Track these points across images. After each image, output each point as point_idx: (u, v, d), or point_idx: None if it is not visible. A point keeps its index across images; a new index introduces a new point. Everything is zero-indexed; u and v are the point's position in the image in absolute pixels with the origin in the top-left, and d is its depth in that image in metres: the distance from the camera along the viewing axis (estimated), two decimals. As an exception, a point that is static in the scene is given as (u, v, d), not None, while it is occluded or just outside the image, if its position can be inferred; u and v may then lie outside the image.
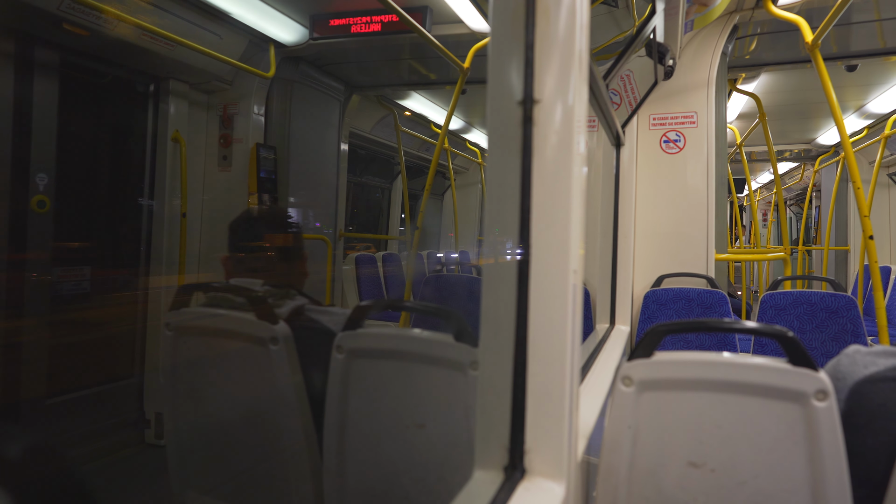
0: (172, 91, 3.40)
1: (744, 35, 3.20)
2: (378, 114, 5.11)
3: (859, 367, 1.01)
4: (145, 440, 3.30)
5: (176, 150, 3.43)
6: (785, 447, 0.95)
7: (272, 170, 3.66)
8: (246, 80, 3.61)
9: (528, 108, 0.84)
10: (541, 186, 0.84)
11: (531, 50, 0.84)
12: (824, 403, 0.92)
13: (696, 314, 2.72)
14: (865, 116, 5.16)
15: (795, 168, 8.37)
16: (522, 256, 0.84)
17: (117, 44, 2.83)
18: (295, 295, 1.56)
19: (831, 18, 2.11)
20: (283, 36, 3.45)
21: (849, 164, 2.22)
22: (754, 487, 0.97)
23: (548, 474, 0.84)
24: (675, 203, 2.96)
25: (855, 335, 2.46)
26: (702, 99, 2.93)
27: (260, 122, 3.71)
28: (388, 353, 1.28)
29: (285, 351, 1.34)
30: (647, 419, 1.03)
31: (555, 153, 0.83)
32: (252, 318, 1.37)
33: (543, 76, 0.84)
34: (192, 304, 1.56)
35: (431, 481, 1.24)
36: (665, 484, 1.03)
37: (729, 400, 0.98)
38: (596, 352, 2.13)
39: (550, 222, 0.83)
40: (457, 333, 1.16)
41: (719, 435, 0.99)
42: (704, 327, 1.07)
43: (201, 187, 3.65)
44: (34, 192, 2.72)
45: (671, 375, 1.02)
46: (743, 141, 5.40)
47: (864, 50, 3.47)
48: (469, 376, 1.14)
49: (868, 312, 4.73)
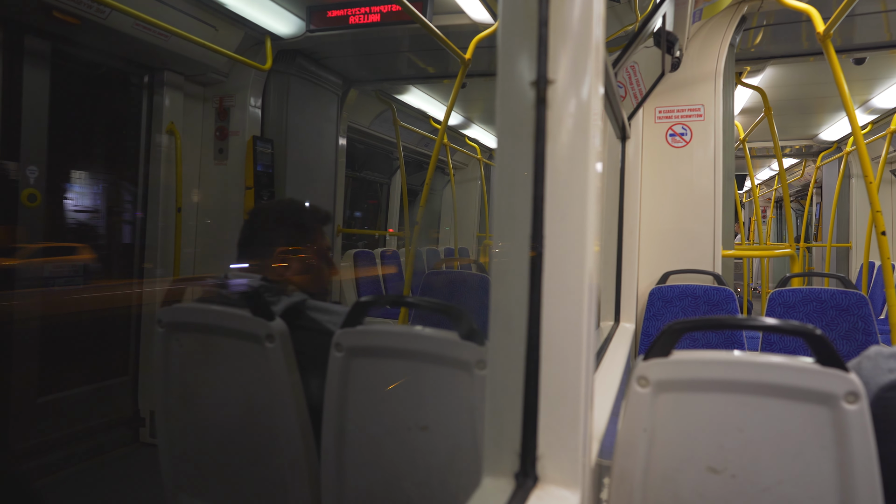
0: (167, 82, 3.34)
1: (751, 26, 3.14)
2: (376, 108, 5.05)
3: (883, 372, 0.96)
4: (140, 439, 3.25)
5: (171, 143, 3.36)
6: (812, 452, 0.90)
7: (269, 164, 3.60)
8: (242, 73, 3.55)
9: (541, 88, 0.78)
10: (555, 174, 0.78)
11: (545, 27, 0.78)
12: (855, 406, 0.86)
13: (702, 311, 2.66)
14: (870, 112, 5.11)
15: (796, 164, 8.33)
16: (535, 250, 0.78)
17: (110, 33, 2.76)
18: (293, 290, 1.51)
19: (844, 8, 2.05)
20: (280, 28, 3.39)
21: (861, 159, 2.17)
22: (778, 494, 0.92)
23: (561, 482, 0.79)
24: (681, 198, 2.91)
25: (866, 333, 2.41)
26: (709, 91, 2.87)
27: (257, 115, 3.65)
28: (390, 351, 1.22)
29: (281, 349, 1.28)
30: (664, 421, 0.98)
31: (570, 137, 0.77)
32: (247, 314, 1.31)
33: (558, 55, 0.78)
34: (185, 300, 1.51)
35: (434, 486, 1.18)
36: (682, 490, 0.98)
37: (752, 402, 0.93)
38: (602, 350, 2.08)
39: (566, 212, 0.77)
40: (462, 331, 1.10)
41: (741, 439, 0.94)
42: (725, 324, 1.01)
43: (197, 181, 3.59)
44: (24, 186, 2.66)
45: (690, 376, 0.96)
46: (747, 136, 5.35)
47: (870, 42, 3.41)
48: (475, 376, 1.09)
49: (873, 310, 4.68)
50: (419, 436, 1.18)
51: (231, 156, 3.56)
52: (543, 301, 0.78)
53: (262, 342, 1.29)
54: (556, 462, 0.79)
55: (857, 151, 2.20)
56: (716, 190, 2.85)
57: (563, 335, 0.78)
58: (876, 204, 2.23)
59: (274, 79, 3.68)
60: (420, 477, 1.20)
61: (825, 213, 6.85)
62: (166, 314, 1.43)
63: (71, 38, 2.80)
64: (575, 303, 0.78)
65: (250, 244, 1.57)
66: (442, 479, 1.18)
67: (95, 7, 2.56)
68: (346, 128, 4.63)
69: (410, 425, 1.19)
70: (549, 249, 0.78)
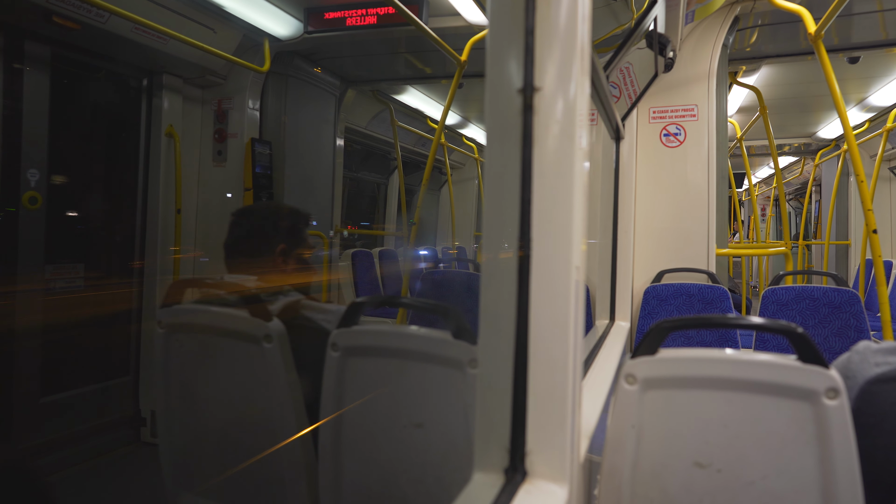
0: (166, 85, 3.36)
1: (744, 27, 3.16)
2: (374, 109, 5.07)
3: (870, 366, 0.98)
4: (141, 438, 3.27)
5: (170, 146, 3.39)
6: (794, 447, 0.92)
7: (268, 165, 3.62)
8: (240, 75, 3.57)
9: (528, 95, 0.80)
10: (542, 178, 0.80)
11: (531, 35, 0.81)
12: (835, 402, 0.89)
13: (697, 310, 2.69)
14: (867, 109, 5.12)
15: (795, 162, 8.34)
16: (523, 251, 0.81)
17: (109, 37, 2.78)
18: (289, 291, 1.53)
19: (835, 9, 2.07)
20: (278, 30, 3.41)
21: (852, 158, 2.19)
22: (762, 488, 0.94)
23: (550, 477, 0.81)
24: (676, 197, 2.93)
25: (858, 331, 2.43)
26: (702, 92, 2.89)
27: (255, 117, 3.66)
28: (385, 350, 1.25)
29: (279, 349, 1.31)
30: (652, 418, 1.00)
31: (556, 143, 0.80)
32: (245, 315, 1.34)
33: (544, 63, 0.80)
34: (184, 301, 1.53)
35: (429, 482, 1.21)
36: (670, 485, 1.00)
37: (736, 398, 0.95)
38: (596, 348, 2.10)
39: (552, 215, 0.80)
40: (455, 330, 1.13)
41: (726, 434, 0.96)
42: (711, 323, 1.04)
43: (196, 183, 3.61)
44: (25, 189, 2.68)
45: (676, 373, 0.98)
46: (743, 135, 5.37)
47: (865, 42, 3.43)
48: (468, 374, 1.11)
49: (869, 307, 4.71)
50: (414, 433, 1.21)
51: (230, 158, 3.58)
52: (531, 300, 0.81)
53: (260, 342, 1.31)
54: (545, 458, 0.82)
55: (849, 151, 2.22)
56: (710, 189, 2.87)
57: (550, 334, 0.81)
58: (867, 203, 2.25)
59: (272, 80, 3.70)
60: (415, 473, 1.22)
61: (824, 211, 6.86)
62: (166, 315, 1.45)
63: (71, 43, 2.82)
64: (562, 302, 0.80)
65: (238, 246, 1.59)
66: (437, 475, 1.20)
67: (95, 11, 2.58)
68: (343, 128, 4.65)
69: (406, 423, 1.21)
70: (537, 250, 0.80)
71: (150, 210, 3.37)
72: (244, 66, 3.34)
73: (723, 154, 3.00)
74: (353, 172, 5.90)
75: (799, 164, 8.18)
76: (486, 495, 0.79)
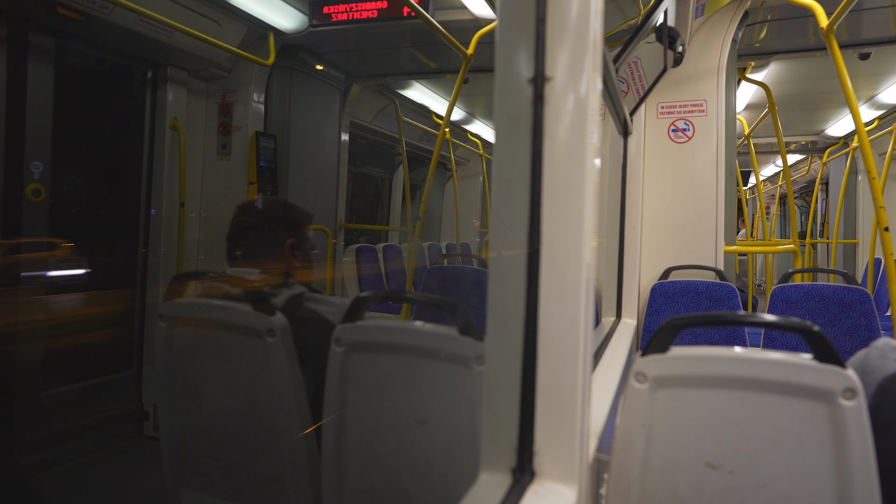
0: (171, 78, 3.34)
1: (754, 21, 3.12)
2: (379, 104, 5.04)
3: (890, 362, 0.96)
4: (144, 432, 3.27)
5: (174, 138, 3.37)
6: (809, 448, 0.90)
7: (272, 159, 3.60)
8: (245, 68, 3.55)
9: (538, 85, 0.78)
10: (552, 170, 0.78)
11: (542, 24, 0.78)
12: (853, 402, 0.87)
13: (704, 308, 2.66)
14: (877, 107, 5.07)
15: (802, 160, 8.28)
16: (532, 246, 0.79)
17: (114, 29, 2.76)
18: (292, 284, 1.51)
19: (847, 3, 2.04)
20: (283, 23, 3.39)
21: (864, 154, 2.16)
22: (775, 490, 0.92)
23: (559, 478, 0.79)
24: (684, 194, 2.90)
25: (869, 329, 2.40)
26: (711, 87, 2.85)
27: (259, 111, 3.65)
28: (390, 346, 1.23)
29: (282, 343, 1.29)
30: (662, 417, 0.98)
31: (568, 134, 0.77)
32: (248, 309, 1.32)
33: (555, 52, 0.78)
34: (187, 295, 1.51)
35: (434, 480, 1.19)
36: (680, 485, 0.98)
37: (749, 398, 0.93)
38: (603, 346, 2.08)
39: (563, 208, 0.77)
40: (461, 326, 1.11)
41: (738, 435, 0.94)
42: (723, 321, 1.01)
43: (200, 176, 3.60)
44: (29, 181, 2.67)
45: (688, 372, 0.96)
46: (751, 131, 5.32)
47: (876, 37, 3.39)
48: (474, 371, 1.09)
49: (878, 306, 4.66)
50: (419, 430, 1.19)
51: (234, 151, 3.56)
52: (541, 297, 0.79)
53: (262, 337, 1.29)
54: (553, 458, 0.80)
55: (861, 148, 2.18)
56: (718, 186, 2.84)
57: (560, 331, 0.79)
58: (879, 200, 2.22)
59: (277, 74, 3.68)
60: (420, 471, 1.20)
61: (832, 210, 6.81)
62: (168, 309, 1.44)
63: (75, 34, 2.80)
64: (572, 299, 0.78)
65: (241, 240, 1.58)
66: (441, 473, 1.18)
67: (99, 3, 2.56)
68: (348, 123, 4.63)
69: (410, 420, 1.20)
70: (547, 246, 0.78)
71: (154, 202, 3.35)
72: (249, 58, 3.32)
73: (731, 150, 2.96)
74: (357, 167, 5.88)
75: (805, 163, 8.12)
76: (493, 496, 0.77)
